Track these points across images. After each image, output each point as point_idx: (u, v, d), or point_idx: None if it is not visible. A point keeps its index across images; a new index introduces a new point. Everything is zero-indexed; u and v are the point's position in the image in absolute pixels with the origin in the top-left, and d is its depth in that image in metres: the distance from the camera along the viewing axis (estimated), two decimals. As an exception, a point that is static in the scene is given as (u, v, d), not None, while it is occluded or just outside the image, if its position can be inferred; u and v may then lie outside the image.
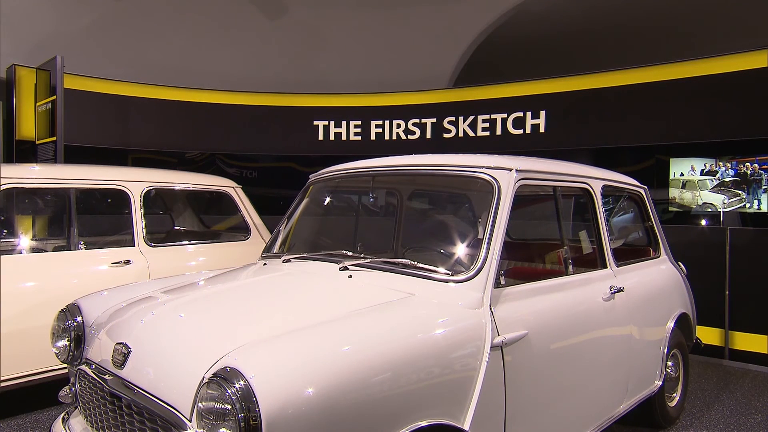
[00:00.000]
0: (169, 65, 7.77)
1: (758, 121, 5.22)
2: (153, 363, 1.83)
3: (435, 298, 2.10)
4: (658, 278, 3.54)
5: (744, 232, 5.30)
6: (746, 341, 5.11)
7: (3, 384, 3.35)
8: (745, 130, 5.33)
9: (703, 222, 5.67)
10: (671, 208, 5.82)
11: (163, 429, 1.69)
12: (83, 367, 2.13)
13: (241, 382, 1.46)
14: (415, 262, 2.27)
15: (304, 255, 2.67)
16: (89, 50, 7.20)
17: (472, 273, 2.15)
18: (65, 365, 2.39)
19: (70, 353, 2.32)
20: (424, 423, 1.73)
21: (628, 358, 2.97)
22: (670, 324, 3.49)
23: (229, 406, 1.46)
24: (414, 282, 2.20)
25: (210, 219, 5.39)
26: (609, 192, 3.21)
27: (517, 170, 2.39)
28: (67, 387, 2.36)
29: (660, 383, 3.31)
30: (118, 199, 4.12)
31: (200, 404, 1.53)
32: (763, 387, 4.52)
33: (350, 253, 2.44)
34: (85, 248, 3.87)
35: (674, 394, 3.70)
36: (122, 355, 1.91)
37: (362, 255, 2.42)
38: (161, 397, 1.70)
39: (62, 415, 2.39)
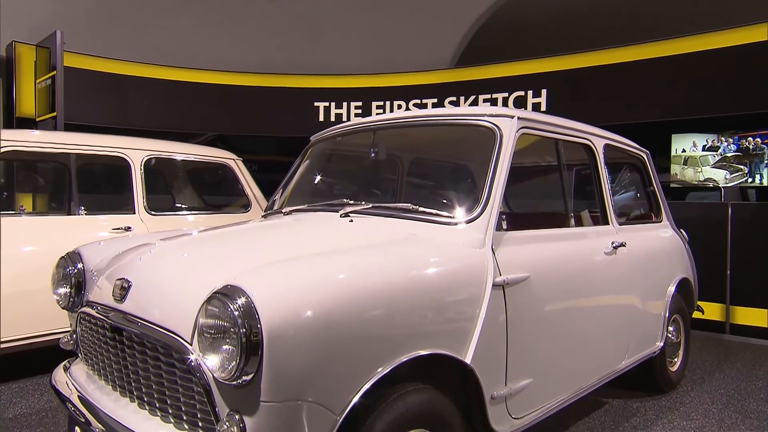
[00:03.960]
0: (169, 46, 7.74)
1: (759, 95, 5.20)
2: (153, 294, 1.82)
3: (437, 238, 2.10)
4: (660, 241, 3.54)
5: (745, 207, 5.29)
6: (747, 316, 5.10)
7: (3, 346, 3.35)
8: (746, 104, 5.31)
9: (705, 197, 5.67)
10: (673, 185, 5.81)
11: (164, 356, 1.68)
12: (84, 308, 2.12)
13: (243, 299, 1.45)
14: (417, 207, 2.26)
15: (304, 207, 2.67)
16: (89, 30, 7.16)
17: (473, 215, 2.15)
18: (66, 311, 2.38)
19: (71, 299, 2.32)
20: (424, 352, 1.72)
21: (629, 314, 2.96)
22: (671, 288, 3.49)
23: (230, 323, 1.45)
24: (416, 225, 2.19)
25: (211, 199, 5.36)
26: (611, 152, 3.19)
27: (518, 118, 2.38)
28: (68, 334, 2.35)
29: (661, 344, 3.31)
30: (118, 167, 4.11)
31: (201, 321, 1.51)
32: (764, 358, 4.52)
33: (351, 202, 2.43)
34: (86, 214, 3.86)
35: (675, 359, 3.70)
36: (123, 289, 1.90)
37: (363, 203, 2.41)
38: (162, 324, 1.69)
39: (63, 363, 2.39)
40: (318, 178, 3.09)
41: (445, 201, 2.38)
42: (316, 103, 7.76)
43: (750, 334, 5.05)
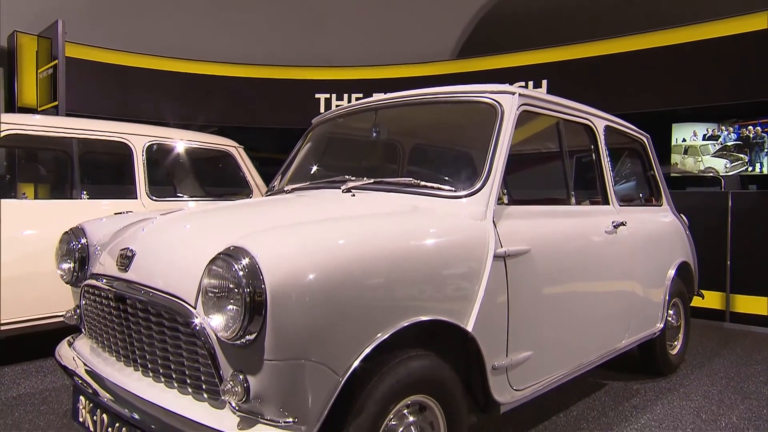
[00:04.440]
0: (170, 38, 7.75)
1: (760, 83, 5.21)
2: (157, 261, 1.84)
3: (438, 210, 2.11)
4: (660, 224, 3.55)
5: (746, 196, 5.30)
6: (747, 304, 5.12)
7: (4, 328, 3.36)
8: (746, 93, 5.32)
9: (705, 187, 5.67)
10: (673, 174, 5.82)
11: (168, 321, 1.69)
12: (88, 281, 2.13)
13: (247, 260, 1.46)
14: (419, 181, 2.27)
15: (306, 184, 2.68)
16: (90, 21, 7.17)
17: (475, 188, 2.16)
18: (70, 286, 2.39)
19: (75, 274, 2.33)
20: (425, 317, 1.73)
21: (629, 294, 2.98)
22: (671, 272, 3.50)
23: (234, 282, 1.46)
24: (418, 198, 2.20)
25: (213, 190, 5.36)
26: (612, 135, 3.20)
27: (519, 95, 2.39)
28: (71, 309, 2.36)
29: (661, 326, 3.33)
30: (120, 152, 4.12)
31: (205, 281, 1.53)
32: (764, 344, 4.54)
33: (353, 178, 2.44)
34: (88, 198, 3.87)
35: (675, 343, 3.72)
36: (126, 258, 1.92)
37: (365, 179, 2.42)
38: (165, 289, 1.70)
39: (66, 339, 2.40)
40: (320, 159, 3.10)
41: (446, 177, 2.39)
42: (317, 95, 7.78)
43: (750, 322, 5.07)
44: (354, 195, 2.31)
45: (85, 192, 3.87)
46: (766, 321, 4.97)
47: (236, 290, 1.46)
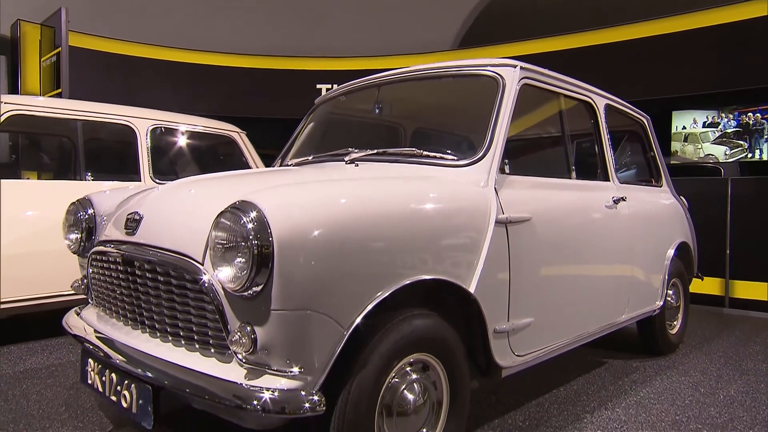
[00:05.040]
0: (172, 28, 7.77)
1: (760, 70, 5.24)
2: (164, 222, 1.87)
3: (441, 177, 2.14)
4: (660, 203, 3.59)
5: (745, 182, 5.33)
6: (746, 289, 5.15)
7: (11, 306, 3.39)
8: (746, 79, 5.35)
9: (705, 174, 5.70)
10: (673, 162, 5.85)
11: (177, 280, 1.72)
12: (96, 247, 2.16)
13: (255, 213, 1.49)
14: (421, 151, 2.30)
15: (309, 158, 2.71)
16: (93, 11, 7.20)
17: (477, 157, 2.19)
18: (77, 256, 2.43)
19: (82, 244, 2.36)
20: (427, 276, 1.77)
21: (629, 269, 3.01)
22: (671, 251, 3.53)
23: (242, 235, 1.49)
24: (421, 168, 2.24)
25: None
26: (612, 114, 3.23)
27: (521, 68, 2.43)
28: (78, 279, 2.40)
29: (661, 303, 3.36)
30: (124, 135, 4.15)
31: (213, 233, 1.56)
32: (763, 327, 4.58)
33: (356, 149, 2.46)
34: (92, 179, 3.90)
35: (675, 323, 3.75)
36: (134, 222, 1.95)
37: (368, 150, 2.45)
38: (173, 248, 1.73)
39: (74, 309, 2.43)
40: (323, 138, 3.13)
41: (449, 149, 2.42)
42: (318, 86, 7.81)
43: (749, 307, 5.10)
44: (357, 165, 2.34)
45: (89, 173, 3.90)
46: (765, 306, 5.00)
47: (243, 243, 1.49)
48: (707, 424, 2.50)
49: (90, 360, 2.03)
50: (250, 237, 1.47)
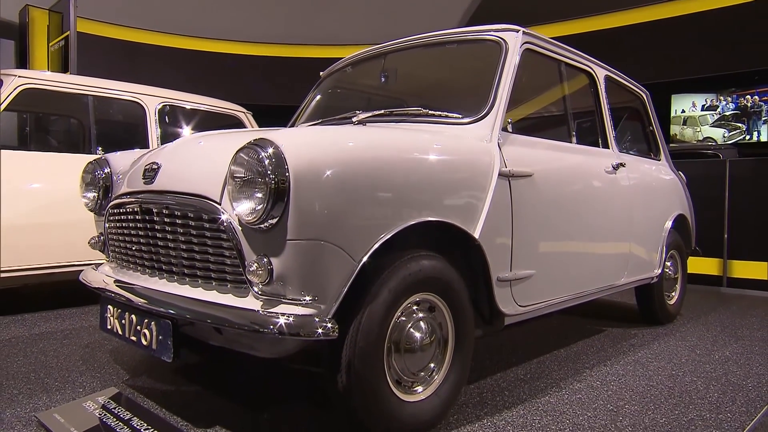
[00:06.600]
0: (178, 15, 7.86)
1: (757, 52, 5.31)
2: (182, 168, 1.95)
3: (447, 132, 2.23)
4: (658, 175, 3.67)
5: (743, 163, 5.41)
6: (744, 269, 5.23)
7: (20, 275, 3.46)
8: (744, 62, 5.42)
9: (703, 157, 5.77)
10: (672, 146, 5.92)
11: (195, 221, 1.80)
12: (114, 201, 2.24)
13: (272, 149, 1.58)
14: (427, 110, 2.39)
15: (317, 121, 2.79)
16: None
17: (481, 115, 2.28)
18: (93, 214, 2.51)
19: (99, 202, 2.44)
20: (432, 218, 1.85)
21: (628, 234, 3.09)
22: (669, 222, 3.62)
23: (259, 169, 1.57)
24: (427, 126, 2.32)
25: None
26: (612, 86, 3.31)
27: (523, 32, 2.51)
28: (95, 236, 2.48)
29: (659, 271, 3.44)
30: (134, 112, 4.24)
31: (231, 168, 1.64)
32: (760, 303, 4.66)
33: (362, 111, 2.54)
34: (103, 153, 3.98)
35: (673, 294, 3.83)
36: (152, 171, 2.03)
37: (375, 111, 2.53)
38: (191, 191, 1.81)
39: (90, 266, 2.52)
40: (329, 107, 3.21)
41: (454, 105, 2.51)
42: (322, 74, 7.86)
43: (747, 286, 5.18)
44: (365, 124, 2.42)
45: (100, 148, 3.99)
46: (762, 285, 5.08)
47: (260, 178, 1.57)
48: (702, 377, 2.59)
49: (109, 306, 2.12)
50: (268, 171, 1.55)
